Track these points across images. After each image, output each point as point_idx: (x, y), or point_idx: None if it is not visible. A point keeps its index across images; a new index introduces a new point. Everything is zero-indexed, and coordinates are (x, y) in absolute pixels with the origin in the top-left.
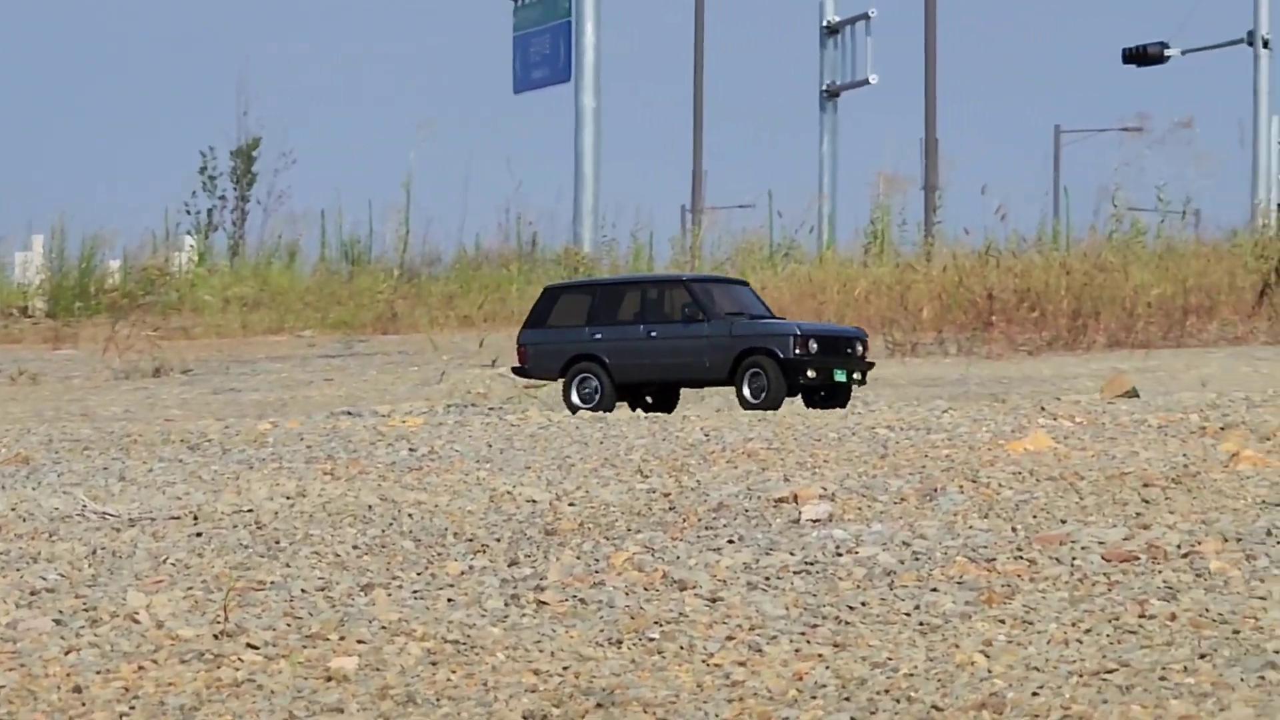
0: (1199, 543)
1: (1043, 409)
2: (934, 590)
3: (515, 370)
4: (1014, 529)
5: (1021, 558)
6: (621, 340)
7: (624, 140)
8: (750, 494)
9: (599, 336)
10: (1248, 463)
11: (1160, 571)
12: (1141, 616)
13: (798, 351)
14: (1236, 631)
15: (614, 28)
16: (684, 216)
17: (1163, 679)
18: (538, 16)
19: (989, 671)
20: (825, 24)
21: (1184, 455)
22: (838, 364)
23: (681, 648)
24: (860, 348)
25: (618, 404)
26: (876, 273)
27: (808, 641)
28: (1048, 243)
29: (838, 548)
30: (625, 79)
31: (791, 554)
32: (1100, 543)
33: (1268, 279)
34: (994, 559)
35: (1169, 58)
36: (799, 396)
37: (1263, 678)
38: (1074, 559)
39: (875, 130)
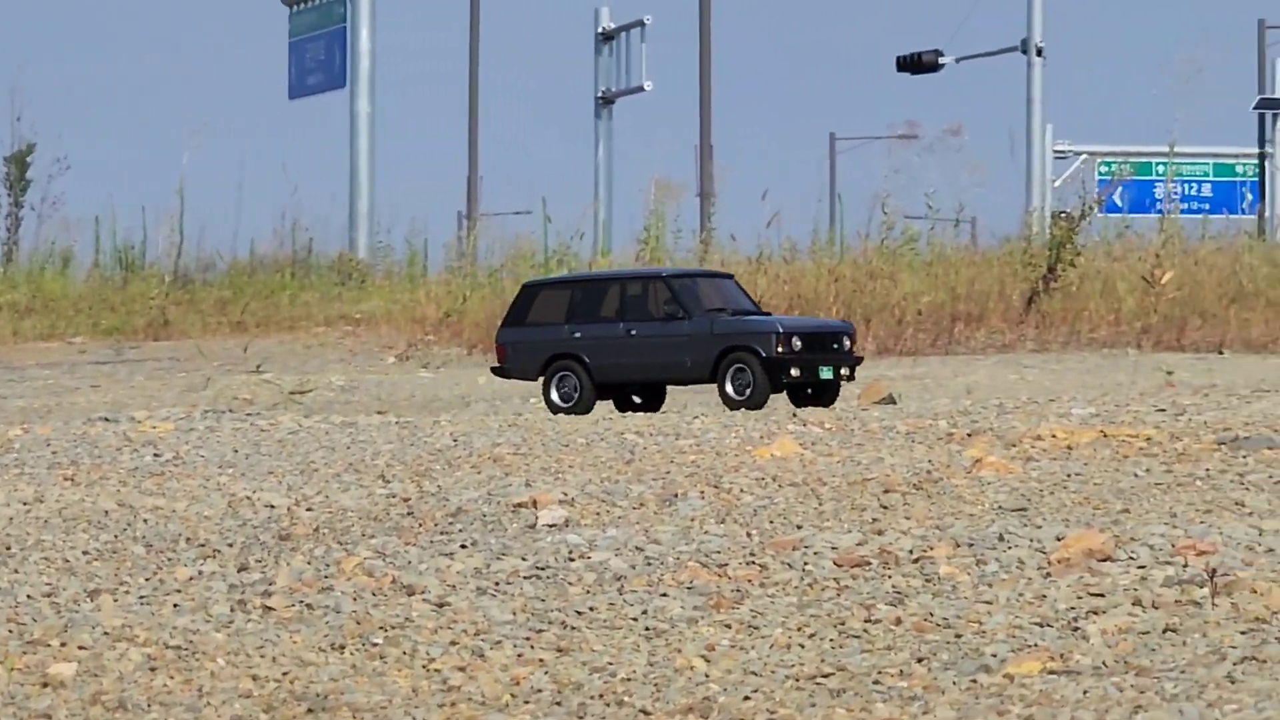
0: (931, 548)
1: (794, 415)
2: (663, 595)
3: (495, 370)
4: (749, 534)
5: (754, 563)
6: (601, 338)
7: (401, 146)
8: (490, 499)
9: (578, 335)
10: (990, 469)
11: (890, 576)
12: (867, 621)
13: (780, 349)
14: (959, 635)
15: (389, 34)
16: (460, 222)
17: (876, 682)
18: (313, 22)
19: (706, 676)
20: (600, 31)
21: (929, 461)
22: (824, 361)
23: (404, 653)
24: (848, 342)
25: (610, 405)
26: None
27: (531, 646)
28: (822, 250)
29: (570, 553)
30: (402, 85)
31: (524, 559)
32: (833, 548)
33: (1036, 287)
34: (726, 564)
35: (943, 65)
36: (786, 395)
37: (974, 680)
38: (805, 564)
39: (653, 137)
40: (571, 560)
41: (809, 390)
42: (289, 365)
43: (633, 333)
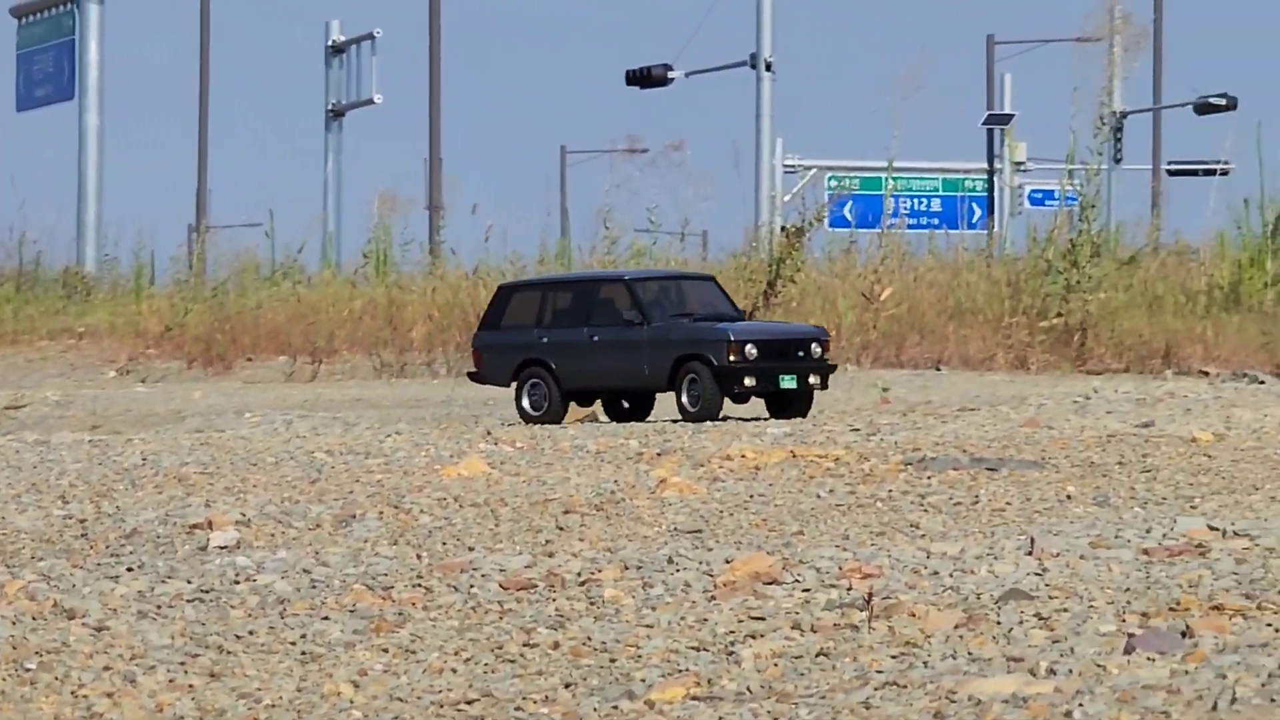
0: (600, 570)
1: (488, 433)
2: (325, 619)
3: (471, 376)
4: (419, 556)
5: (420, 585)
6: (568, 344)
7: (132, 159)
8: (167, 520)
9: (545, 340)
10: (674, 489)
11: (555, 600)
12: (525, 645)
13: (732, 358)
14: (614, 660)
15: (119, 46)
16: (190, 235)
17: (519, 709)
18: (42, 34)
19: (351, 702)
20: (331, 43)
21: (615, 481)
22: (785, 369)
23: (56, 678)
24: (819, 349)
25: (600, 412)
26: (371, 293)
27: (185, 671)
28: (550, 264)
29: (237, 575)
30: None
31: (189, 582)
32: (502, 570)
33: (756, 303)
34: (392, 586)
35: (673, 79)
36: (766, 404)
37: (616, 707)
38: (472, 586)
39: (383, 150)
40: (237, 583)
41: (780, 399)
42: (8, 380)
43: (595, 339)
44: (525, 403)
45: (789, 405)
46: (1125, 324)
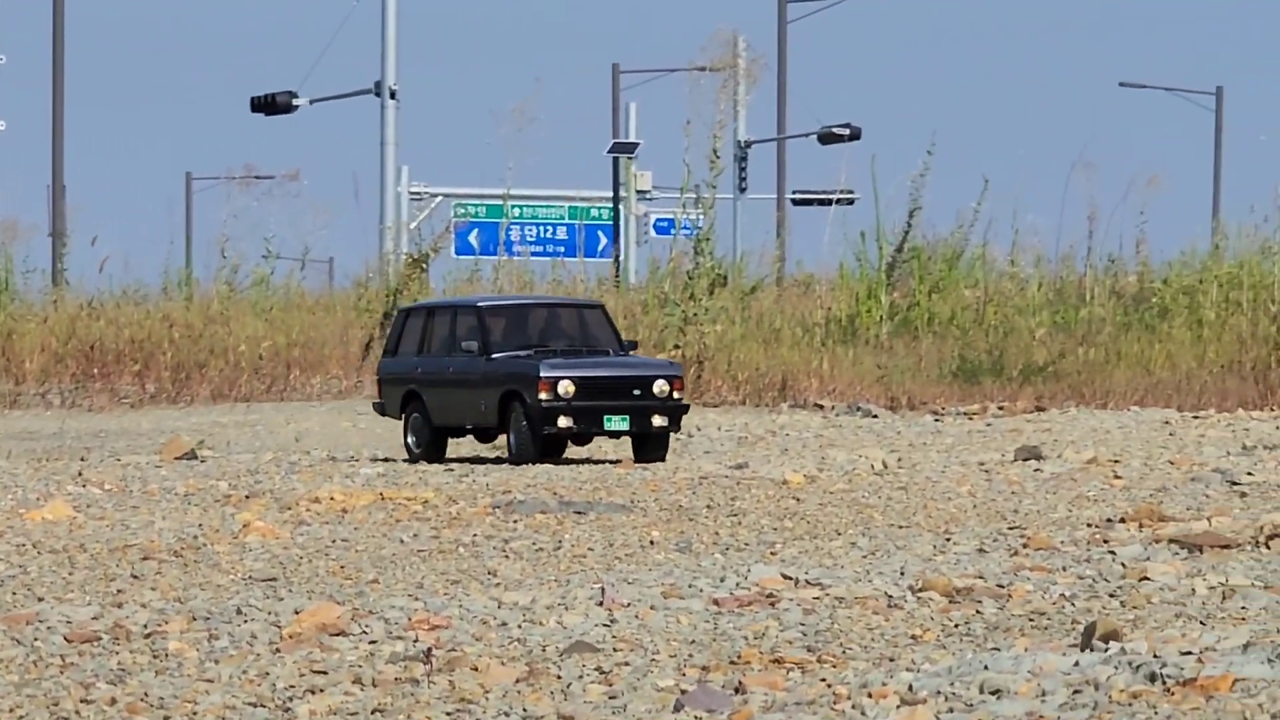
0: (167, 621)
1: (79, 474)
2: None
3: (375, 407)
4: None
5: None
6: (434, 375)
7: None
8: None
9: (419, 370)
10: (257, 534)
11: (119, 653)
12: (83, 701)
13: (544, 396)
14: (168, 717)
15: None
16: None
17: None
18: None
19: None
20: None
21: (200, 525)
22: (613, 409)
23: None
24: (665, 387)
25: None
26: None
27: None
28: (174, 292)
29: None
30: None
31: None
32: (68, 622)
33: (373, 333)
34: None
35: (298, 106)
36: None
37: None
38: (36, 639)
39: (4, 177)
40: None
41: (646, 440)
42: None
43: (450, 370)
44: (409, 439)
45: (643, 448)
46: (742, 356)
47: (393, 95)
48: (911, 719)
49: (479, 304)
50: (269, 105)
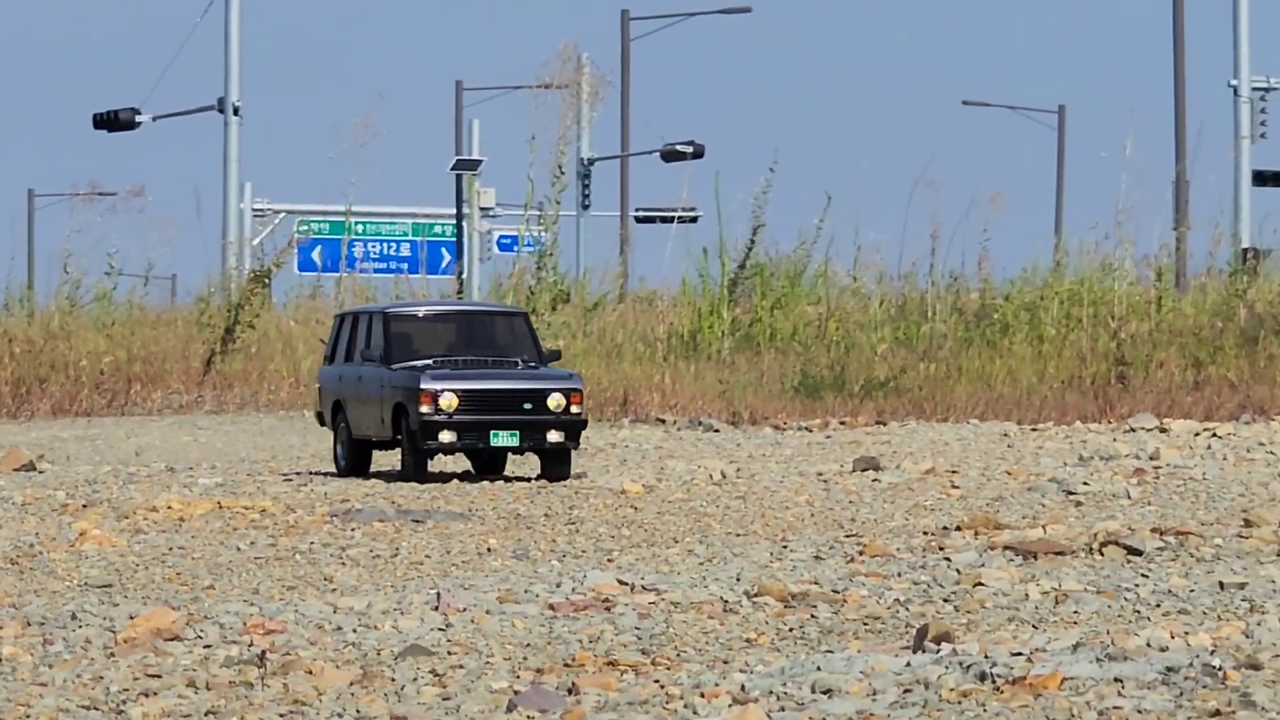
0: (1, 627)
1: None
2: None
3: (318, 417)
4: None
5: None
6: (353, 385)
7: None
8: None
9: (341, 379)
10: (94, 541)
11: None
12: None
13: (424, 409)
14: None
15: None
16: None
17: None
18: None
19: None
20: None
21: (36, 534)
22: (501, 424)
23: None
24: (562, 400)
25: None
26: None
27: None
28: (14, 308)
29: None
30: None
31: None
32: None
33: (214, 348)
34: None
35: (140, 123)
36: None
37: None
38: None
39: None
40: None
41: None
42: None
43: (360, 380)
44: (338, 450)
45: (551, 465)
46: (584, 371)
47: (236, 112)
48: (743, 717)
49: (386, 311)
50: (112, 122)
